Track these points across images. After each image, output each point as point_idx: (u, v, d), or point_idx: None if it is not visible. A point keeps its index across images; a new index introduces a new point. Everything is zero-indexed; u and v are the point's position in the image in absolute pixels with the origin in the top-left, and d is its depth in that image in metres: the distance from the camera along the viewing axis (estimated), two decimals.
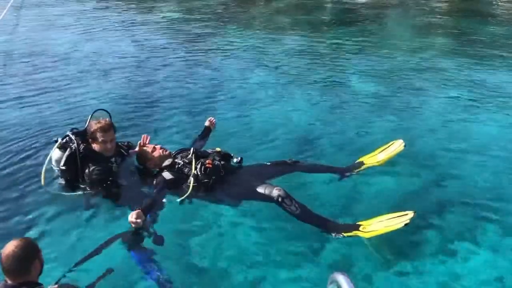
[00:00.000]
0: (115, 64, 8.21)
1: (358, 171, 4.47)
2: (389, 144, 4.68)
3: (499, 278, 3.30)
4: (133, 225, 3.48)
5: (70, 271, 3.11)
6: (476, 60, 8.52)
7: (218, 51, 9.10)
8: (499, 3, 13.82)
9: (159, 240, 3.53)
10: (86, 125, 4.18)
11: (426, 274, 3.32)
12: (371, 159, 4.59)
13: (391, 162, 4.57)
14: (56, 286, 2.59)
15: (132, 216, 3.45)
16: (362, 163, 4.55)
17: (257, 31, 10.86)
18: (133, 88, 7.06)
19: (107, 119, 4.16)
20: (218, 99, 6.62)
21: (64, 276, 3.05)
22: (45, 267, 2.74)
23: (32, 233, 3.73)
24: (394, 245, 3.54)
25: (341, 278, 2.05)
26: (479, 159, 4.92)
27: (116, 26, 10.89)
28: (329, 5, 14.24)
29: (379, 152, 4.64)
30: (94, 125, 4.04)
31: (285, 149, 5.10)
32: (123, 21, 11.40)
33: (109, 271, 3.05)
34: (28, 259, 2.45)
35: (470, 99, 6.63)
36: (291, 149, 5.08)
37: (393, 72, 7.88)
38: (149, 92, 6.87)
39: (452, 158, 4.96)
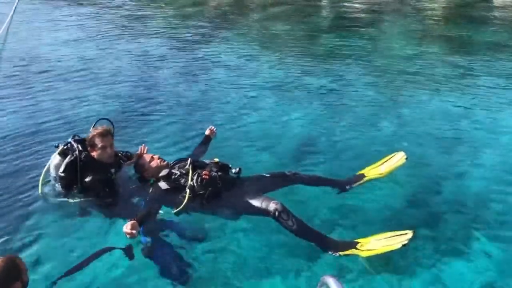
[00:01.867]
0: (112, 72, 8.18)
1: (358, 184, 4.38)
2: (390, 156, 4.59)
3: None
4: (127, 236, 3.43)
5: (55, 283, 3.06)
6: (473, 65, 8.44)
7: (215, 58, 9.05)
8: (494, 9, 13.67)
9: (150, 252, 3.48)
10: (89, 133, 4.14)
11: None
12: (372, 172, 4.49)
13: (392, 175, 4.48)
14: None
15: (126, 227, 3.38)
16: (363, 176, 4.46)
17: (254, 38, 10.83)
18: (130, 96, 7.04)
19: (105, 126, 4.11)
20: (216, 107, 6.57)
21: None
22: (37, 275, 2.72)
23: (24, 241, 3.75)
24: (389, 260, 3.47)
25: (331, 281, 2.00)
26: (484, 170, 4.86)
27: (112, 35, 10.89)
28: (325, 11, 14.16)
29: (380, 165, 4.54)
30: (93, 132, 4.00)
31: (283, 158, 5.06)
32: (118, 30, 11.41)
33: None
34: (7, 281, 2.39)
35: (469, 106, 6.57)
36: (289, 159, 5.04)
37: (391, 79, 7.82)
38: (146, 101, 6.84)
39: (455, 170, 4.87)
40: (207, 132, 4.82)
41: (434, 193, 4.46)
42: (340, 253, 3.49)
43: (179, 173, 4.00)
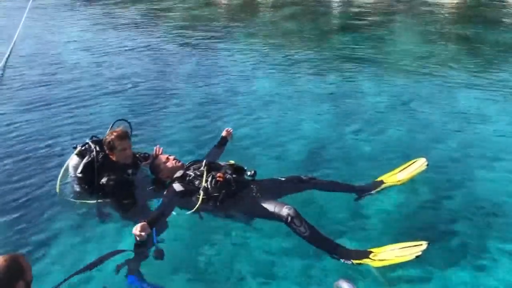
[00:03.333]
0: (126, 74, 8.22)
1: (377, 191, 4.27)
2: (411, 163, 4.46)
3: None
4: (137, 238, 3.43)
5: (65, 281, 3.08)
6: (487, 66, 8.28)
7: (226, 58, 9.05)
8: (509, 8, 13.20)
9: (159, 254, 3.47)
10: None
11: None
12: (391, 178, 4.38)
13: (411, 182, 4.36)
14: None
15: (136, 229, 3.39)
16: (381, 182, 4.35)
17: (265, 38, 10.74)
18: (144, 97, 7.08)
19: (121, 127, 4.13)
20: (230, 108, 6.57)
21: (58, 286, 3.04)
22: (48, 271, 2.90)
23: (40, 239, 3.81)
24: (402, 270, 3.38)
25: (346, 286, 1.96)
26: (503, 177, 4.69)
27: (124, 36, 10.97)
28: (336, 12, 13.92)
29: (400, 171, 4.42)
30: (110, 135, 4.02)
31: (298, 162, 5.01)
32: (130, 31, 11.50)
33: None
34: (9, 281, 2.41)
35: (485, 108, 6.42)
36: (304, 163, 4.99)
37: (404, 80, 7.68)
38: (160, 101, 6.88)
39: (475, 177, 4.71)
40: (223, 133, 4.78)
41: (453, 202, 4.31)
42: (353, 261, 3.41)
43: (193, 175, 3.99)
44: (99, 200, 4.03)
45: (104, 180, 3.97)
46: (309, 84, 7.57)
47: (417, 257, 3.16)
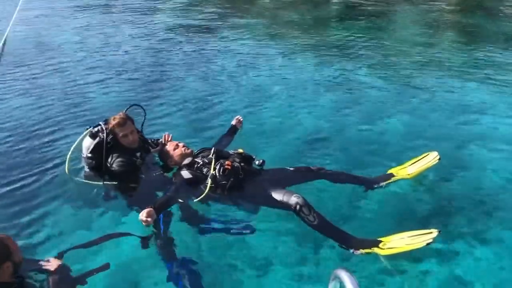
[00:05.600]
0: (128, 60, 8.23)
1: (386, 184, 4.21)
2: (422, 156, 4.39)
3: None
4: (143, 224, 3.40)
5: (69, 250, 3.08)
6: (489, 56, 8.21)
7: (225, 47, 8.99)
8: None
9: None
10: None
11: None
12: (402, 171, 4.32)
13: (423, 175, 4.30)
14: (60, 262, 2.70)
15: (142, 215, 3.36)
16: (391, 175, 4.29)
17: (264, 27, 10.67)
18: (149, 85, 7.08)
19: (121, 113, 4.11)
20: (232, 98, 6.54)
21: (65, 252, 3.06)
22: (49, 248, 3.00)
23: (47, 217, 3.91)
24: (409, 258, 3.35)
25: (344, 274, 1.93)
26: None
27: (123, 22, 10.97)
28: (336, 0, 13.79)
29: (411, 164, 4.36)
30: (112, 122, 4.01)
31: (304, 152, 4.98)
32: (130, 16, 11.49)
33: (105, 266, 2.98)
34: None
35: (486, 98, 6.39)
36: (310, 152, 4.96)
37: (405, 70, 7.62)
38: (163, 91, 6.84)
39: (486, 166, 4.66)
40: (233, 122, 4.76)
41: (463, 191, 4.27)
42: (362, 251, 3.36)
43: (202, 162, 3.97)
44: (106, 182, 4.02)
45: (111, 160, 3.98)
46: (313, 73, 7.51)
47: (427, 244, 3.10)
